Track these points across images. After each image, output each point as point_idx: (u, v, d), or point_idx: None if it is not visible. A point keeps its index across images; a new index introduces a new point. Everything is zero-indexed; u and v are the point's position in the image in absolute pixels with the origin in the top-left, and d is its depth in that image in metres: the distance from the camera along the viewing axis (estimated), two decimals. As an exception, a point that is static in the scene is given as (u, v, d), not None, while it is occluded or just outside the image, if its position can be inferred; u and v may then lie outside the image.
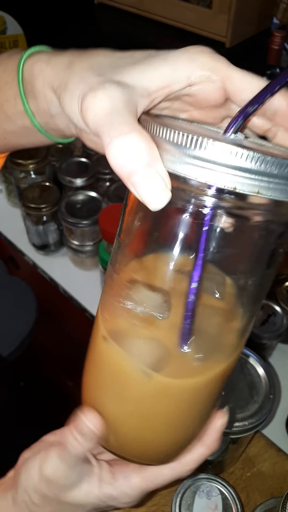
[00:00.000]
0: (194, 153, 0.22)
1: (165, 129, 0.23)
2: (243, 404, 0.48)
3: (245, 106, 0.25)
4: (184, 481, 0.51)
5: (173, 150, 0.23)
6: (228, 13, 0.85)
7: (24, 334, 0.87)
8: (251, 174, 0.22)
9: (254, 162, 0.22)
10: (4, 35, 1.05)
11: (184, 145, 0.22)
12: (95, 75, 0.25)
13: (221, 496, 0.50)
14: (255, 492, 0.56)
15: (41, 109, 0.30)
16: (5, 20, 1.04)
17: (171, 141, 0.23)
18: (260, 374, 0.50)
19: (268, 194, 0.22)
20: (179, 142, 0.22)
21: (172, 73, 0.26)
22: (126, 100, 0.24)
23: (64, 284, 0.83)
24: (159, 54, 0.27)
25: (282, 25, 0.92)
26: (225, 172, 0.22)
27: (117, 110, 0.23)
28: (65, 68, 0.27)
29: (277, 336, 0.66)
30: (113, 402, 0.33)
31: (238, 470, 0.58)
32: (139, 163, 0.22)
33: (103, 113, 0.23)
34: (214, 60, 0.26)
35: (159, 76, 0.26)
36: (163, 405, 0.31)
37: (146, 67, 0.26)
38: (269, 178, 0.22)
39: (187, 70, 0.26)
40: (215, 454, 0.53)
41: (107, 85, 0.24)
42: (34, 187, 0.84)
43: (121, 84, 0.24)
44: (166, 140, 0.23)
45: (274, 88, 0.25)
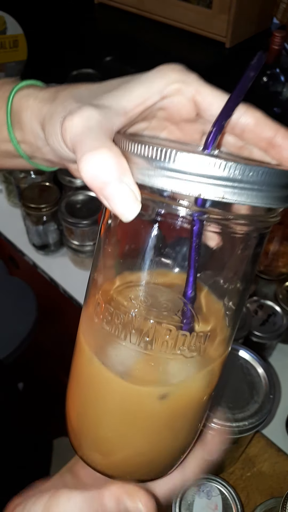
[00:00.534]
0: (160, 164, 0.23)
1: (132, 143, 0.24)
2: (243, 404, 0.48)
3: (218, 118, 0.27)
4: (184, 481, 0.52)
5: (141, 163, 0.24)
6: (228, 13, 0.85)
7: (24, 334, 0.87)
8: (215, 180, 0.22)
9: (217, 168, 0.22)
10: (4, 35, 1.05)
11: (150, 156, 0.23)
12: (75, 102, 0.28)
13: (221, 496, 0.50)
14: (255, 492, 0.56)
15: (27, 140, 0.32)
16: (5, 20, 1.04)
17: (138, 154, 0.24)
18: (260, 374, 0.50)
19: (234, 199, 0.23)
20: (145, 154, 0.23)
21: (146, 90, 0.28)
22: (101, 119, 0.26)
23: (64, 284, 0.83)
24: (134, 77, 0.29)
25: (282, 25, 0.92)
26: (190, 180, 0.23)
27: (90, 128, 0.25)
28: (50, 101, 0.30)
29: (277, 336, 0.66)
30: (103, 420, 0.32)
31: (238, 470, 0.58)
32: (109, 177, 0.23)
33: (78, 132, 0.25)
34: (184, 75, 0.28)
35: (134, 95, 0.28)
36: (155, 416, 0.31)
37: (122, 90, 0.28)
38: (234, 183, 0.23)
39: (159, 85, 0.28)
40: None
41: (84, 108, 0.26)
42: (34, 187, 0.84)
43: (99, 106, 0.26)
44: (134, 154, 0.24)
45: (240, 94, 0.27)
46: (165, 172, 0.23)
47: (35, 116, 0.30)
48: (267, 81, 0.82)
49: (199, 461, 0.36)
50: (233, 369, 0.50)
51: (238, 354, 0.52)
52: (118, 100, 0.27)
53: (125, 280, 0.30)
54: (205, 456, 0.36)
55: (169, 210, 0.25)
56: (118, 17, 1.00)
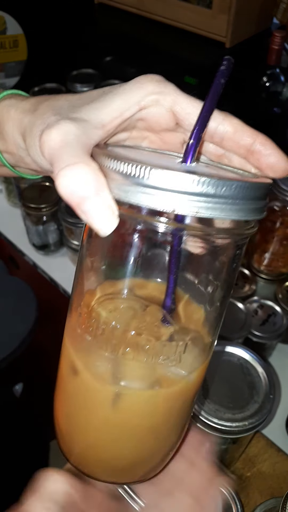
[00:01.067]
0: (135, 180, 0.24)
1: (109, 158, 0.25)
2: (243, 404, 0.48)
3: (195, 130, 0.27)
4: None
5: (118, 178, 0.24)
6: (228, 13, 0.85)
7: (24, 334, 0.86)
8: (189, 196, 0.23)
9: (191, 184, 0.23)
10: (4, 35, 1.05)
11: (125, 173, 0.24)
12: (53, 115, 0.28)
13: (221, 496, 0.50)
14: (255, 492, 0.56)
15: (10, 150, 0.32)
16: (5, 20, 1.04)
17: (115, 169, 0.24)
18: (260, 374, 0.50)
19: (208, 214, 0.23)
20: (121, 170, 0.24)
21: (124, 102, 0.28)
22: (78, 134, 0.26)
23: (64, 284, 0.83)
24: (113, 89, 0.29)
25: (282, 25, 0.92)
26: (164, 196, 0.23)
27: (68, 143, 0.25)
28: (31, 112, 0.30)
29: (277, 336, 0.66)
30: (89, 426, 0.33)
31: (238, 470, 0.58)
32: (86, 192, 0.24)
33: (56, 147, 0.25)
34: (162, 86, 0.29)
35: (112, 108, 0.28)
36: (139, 418, 0.32)
37: (100, 103, 0.28)
38: (207, 198, 0.23)
39: (137, 97, 0.28)
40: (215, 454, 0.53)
41: (62, 122, 0.26)
42: (34, 187, 0.84)
43: (77, 120, 0.27)
44: (110, 169, 0.25)
45: (213, 102, 0.27)
46: (140, 188, 0.24)
47: (17, 127, 0.31)
48: (267, 81, 0.82)
49: None
50: (233, 369, 0.50)
51: (238, 354, 0.52)
52: (96, 113, 0.27)
53: (106, 292, 0.30)
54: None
55: (147, 226, 0.26)
56: (118, 17, 1.00)
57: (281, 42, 0.78)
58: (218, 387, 0.49)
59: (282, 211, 0.67)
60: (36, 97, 0.31)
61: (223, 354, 0.52)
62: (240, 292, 0.71)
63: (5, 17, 1.04)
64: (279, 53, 0.79)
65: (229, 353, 0.52)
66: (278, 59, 0.80)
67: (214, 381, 0.49)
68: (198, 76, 0.90)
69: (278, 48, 0.78)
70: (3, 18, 1.04)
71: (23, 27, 1.07)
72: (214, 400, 0.48)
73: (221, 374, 0.50)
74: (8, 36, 1.06)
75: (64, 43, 1.07)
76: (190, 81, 0.91)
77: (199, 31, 0.91)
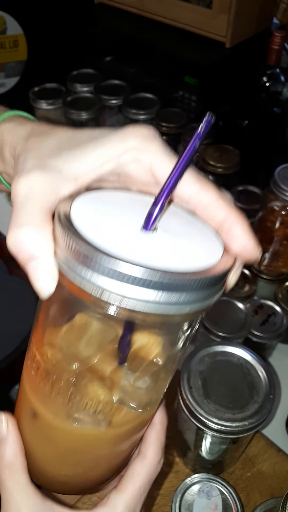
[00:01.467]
0: (76, 258, 0.23)
1: (59, 225, 0.24)
2: (243, 404, 0.48)
3: (159, 198, 0.26)
4: (184, 481, 0.52)
5: (62, 248, 0.24)
6: (228, 13, 0.85)
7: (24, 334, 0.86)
8: (122, 286, 0.22)
9: (121, 280, 0.22)
10: (4, 35, 1.05)
11: (68, 247, 0.23)
12: (32, 158, 0.28)
13: (221, 496, 0.50)
14: (255, 492, 0.56)
15: (8, 172, 0.33)
16: (5, 20, 1.04)
17: (60, 239, 0.24)
18: (260, 374, 0.50)
19: (143, 308, 0.23)
20: (65, 244, 0.24)
21: (102, 156, 0.27)
22: (45, 189, 0.26)
23: (64, 284, 0.83)
24: (100, 136, 0.28)
25: (282, 25, 0.92)
26: (97, 281, 0.23)
27: (29, 198, 0.26)
28: (23, 142, 0.30)
29: (277, 336, 0.66)
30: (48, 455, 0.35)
31: (238, 470, 0.58)
32: (28, 254, 0.25)
33: (18, 199, 0.26)
34: (144, 143, 0.27)
35: (89, 161, 0.27)
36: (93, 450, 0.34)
37: (81, 151, 0.27)
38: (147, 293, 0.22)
39: (116, 152, 0.27)
40: (215, 454, 0.53)
41: (33, 172, 0.26)
42: (34, 187, 0.83)
43: (50, 170, 0.27)
44: (59, 236, 0.25)
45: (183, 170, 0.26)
46: (77, 267, 0.23)
47: (11, 153, 0.31)
48: (267, 81, 0.82)
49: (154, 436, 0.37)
50: (233, 369, 0.51)
51: (238, 354, 0.52)
52: (72, 163, 0.27)
53: (58, 338, 0.31)
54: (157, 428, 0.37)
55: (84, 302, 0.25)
56: (118, 17, 1.00)
57: (281, 42, 0.78)
58: (218, 387, 0.49)
59: (282, 211, 0.67)
60: (34, 124, 0.31)
61: (223, 354, 0.52)
62: (240, 292, 0.71)
63: (5, 17, 1.04)
64: (279, 53, 0.79)
65: (229, 353, 0.52)
66: (278, 59, 0.80)
67: (214, 381, 0.49)
68: (198, 76, 0.90)
69: (278, 48, 0.78)
70: (3, 18, 1.04)
71: (23, 27, 1.07)
72: (214, 400, 0.48)
73: (221, 374, 0.50)
74: (8, 36, 1.06)
75: (64, 43, 1.07)
76: (190, 81, 0.91)
77: (199, 31, 0.91)
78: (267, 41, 0.79)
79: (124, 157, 0.27)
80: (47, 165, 0.27)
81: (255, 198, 0.82)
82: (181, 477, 0.56)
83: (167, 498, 0.54)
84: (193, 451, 0.53)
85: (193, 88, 0.92)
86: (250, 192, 0.83)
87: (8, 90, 1.12)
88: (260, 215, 0.71)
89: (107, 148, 0.27)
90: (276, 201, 0.67)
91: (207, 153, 0.83)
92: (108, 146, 0.27)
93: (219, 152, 0.83)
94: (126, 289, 0.22)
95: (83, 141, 0.28)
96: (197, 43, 0.92)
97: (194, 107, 0.94)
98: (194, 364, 0.50)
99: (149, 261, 0.23)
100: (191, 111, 0.94)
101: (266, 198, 0.68)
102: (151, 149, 0.27)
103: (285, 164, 0.67)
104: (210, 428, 0.47)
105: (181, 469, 0.58)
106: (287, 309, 0.69)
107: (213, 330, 0.62)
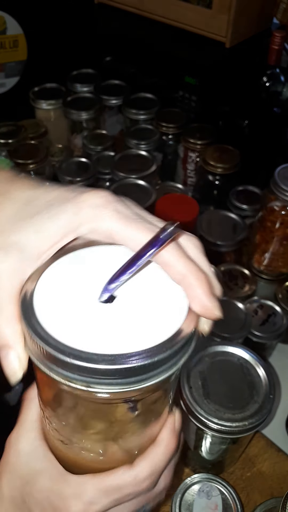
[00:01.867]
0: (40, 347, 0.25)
1: (25, 327, 0.25)
2: (243, 404, 0.48)
3: (118, 273, 0.26)
4: (184, 481, 0.52)
5: (29, 343, 0.26)
6: (228, 13, 0.85)
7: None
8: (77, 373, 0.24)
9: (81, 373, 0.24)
10: (4, 35, 1.05)
11: (31, 337, 0.25)
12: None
13: (221, 496, 0.50)
14: (255, 492, 0.56)
15: None
16: (5, 20, 1.04)
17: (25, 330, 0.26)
18: (260, 374, 0.50)
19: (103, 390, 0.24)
20: (28, 333, 0.25)
21: (60, 231, 0.27)
22: (10, 275, 0.27)
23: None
24: (55, 204, 0.28)
25: (282, 25, 0.92)
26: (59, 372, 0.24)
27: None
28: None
29: (277, 336, 0.66)
30: None
31: (238, 470, 0.58)
32: (2, 344, 0.26)
33: None
34: (98, 213, 0.27)
35: (49, 235, 0.27)
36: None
37: (40, 224, 0.27)
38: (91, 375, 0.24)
39: (73, 225, 0.27)
40: (215, 454, 0.53)
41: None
42: (34, 187, 0.83)
43: (13, 250, 0.27)
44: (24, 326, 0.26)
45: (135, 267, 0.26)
46: (42, 354, 0.25)
47: None
48: (267, 81, 0.82)
49: (152, 457, 0.35)
50: (233, 369, 0.50)
51: (238, 354, 0.52)
52: (33, 241, 0.27)
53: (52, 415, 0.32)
54: (158, 450, 0.35)
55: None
56: (118, 17, 1.00)
57: (281, 42, 0.78)
58: (218, 387, 0.49)
59: (282, 211, 0.67)
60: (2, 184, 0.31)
61: (223, 354, 0.52)
62: (240, 292, 0.71)
63: (5, 17, 1.04)
64: (279, 53, 0.79)
65: (229, 353, 0.52)
66: (278, 59, 0.80)
67: (214, 381, 0.49)
68: (198, 76, 0.90)
69: (278, 48, 0.78)
70: (3, 18, 1.04)
71: (23, 27, 1.07)
72: (214, 400, 0.48)
73: (221, 374, 0.50)
74: (8, 36, 1.06)
75: (64, 43, 1.07)
76: (190, 81, 0.91)
77: (199, 31, 0.91)
78: (267, 41, 0.79)
79: (81, 230, 0.28)
80: (8, 244, 0.27)
81: (255, 198, 0.82)
82: (181, 477, 0.56)
83: (167, 498, 0.54)
84: (193, 451, 0.53)
85: (193, 88, 0.92)
86: (250, 192, 0.83)
87: (8, 90, 1.12)
88: (260, 215, 0.71)
89: (64, 222, 0.27)
90: (276, 201, 0.67)
91: (207, 153, 0.83)
92: (65, 219, 0.27)
93: (219, 152, 0.83)
94: (87, 379, 0.24)
95: (40, 209, 0.28)
96: (197, 43, 0.92)
97: (194, 107, 0.94)
98: (194, 364, 0.50)
99: (106, 346, 0.24)
100: (191, 111, 0.94)
101: (266, 198, 0.68)
102: (106, 217, 0.27)
103: (285, 164, 0.67)
104: (210, 428, 0.47)
105: (181, 469, 0.58)
106: (287, 309, 0.69)
107: (213, 330, 0.62)
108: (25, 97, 1.02)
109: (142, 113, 0.94)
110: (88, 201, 0.28)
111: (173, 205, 0.73)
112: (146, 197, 0.77)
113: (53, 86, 1.03)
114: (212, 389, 0.49)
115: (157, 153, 0.92)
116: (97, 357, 0.24)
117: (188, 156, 0.90)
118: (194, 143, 0.87)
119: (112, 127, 1.03)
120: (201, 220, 0.75)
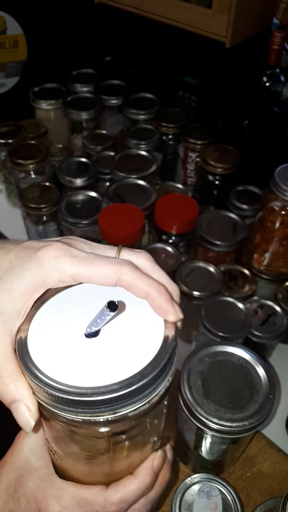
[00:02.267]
0: (39, 390, 0.28)
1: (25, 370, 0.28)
2: (243, 404, 0.48)
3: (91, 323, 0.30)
4: (184, 481, 0.52)
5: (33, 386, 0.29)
6: (228, 13, 0.85)
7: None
8: (68, 406, 0.27)
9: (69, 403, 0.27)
10: (4, 35, 1.05)
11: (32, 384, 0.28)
12: None
13: (221, 496, 0.50)
14: (255, 492, 0.56)
15: None
16: (5, 20, 1.04)
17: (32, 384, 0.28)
18: (260, 374, 0.50)
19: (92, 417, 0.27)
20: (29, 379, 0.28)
21: (29, 286, 0.30)
22: (1, 336, 0.29)
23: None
24: (17, 264, 0.30)
25: (282, 25, 0.92)
26: (55, 404, 0.28)
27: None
28: None
29: (277, 336, 0.66)
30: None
31: (238, 470, 0.58)
32: (11, 399, 0.29)
33: None
34: (58, 263, 0.30)
35: (20, 295, 0.30)
36: None
37: (10, 286, 0.30)
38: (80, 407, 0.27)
39: (39, 281, 0.30)
40: (215, 454, 0.53)
41: None
42: (34, 187, 0.84)
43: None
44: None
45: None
46: (45, 395, 0.28)
47: None
48: (267, 81, 0.82)
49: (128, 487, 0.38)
50: (233, 369, 0.50)
51: (238, 354, 0.52)
52: (7, 299, 0.30)
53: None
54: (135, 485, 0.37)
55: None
56: (118, 17, 1.00)
57: (281, 42, 0.78)
58: (218, 387, 0.49)
59: (282, 211, 0.67)
60: None
61: (223, 354, 0.52)
62: (240, 292, 0.71)
63: (5, 17, 1.04)
64: (279, 53, 0.79)
65: (229, 353, 0.52)
66: (278, 59, 0.80)
67: (214, 381, 0.49)
68: (198, 76, 0.90)
69: (278, 48, 0.78)
70: (3, 18, 1.04)
71: (23, 27, 1.07)
72: (214, 400, 0.48)
73: (221, 374, 0.50)
74: (8, 36, 1.06)
75: (64, 43, 1.07)
76: (190, 81, 0.91)
77: (199, 31, 0.91)
78: (267, 41, 0.79)
79: (48, 283, 0.30)
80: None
81: (255, 198, 0.82)
82: (181, 477, 0.56)
83: (167, 498, 0.54)
84: (193, 451, 0.53)
85: (193, 88, 0.92)
86: (250, 192, 0.83)
87: (8, 90, 1.12)
88: (260, 215, 0.71)
89: (30, 280, 0.30)
90: (276, 201, 0.67)
91: (207, 153, 0.83)
92: (30, 277, 0.30)
93: (219, 152, 0.83)
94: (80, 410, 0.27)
95: (4, 270, 0.30)
96: (197, 43, 0.92)
97: (194, 107, 0.94)
98: (194, 364, 0.50)
99: (97, 382, 0.27)
100: (191, 111, 0.94)
101: (266, 198, 0.68)
102: (66, 265, 0.30)
103: (285, 164, 0.67)
104: (210, 428, 0.47)
105: (181, 469, 0.58)
106: (287, 309, 0.69)
107: (213, 330, 0.62)
108: (25, 97, 1.02)
109: (142, 113, 0.94)
110: (45, 255, 0.30)
111: (173, 205, 0.73)
112: (146, 197, 0.77)
113: (53, 86, 1.03)
114: (212, 389, 0.49)
115: (157, 153, 0.92)
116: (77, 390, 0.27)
117: (188, 156, 0.90)
118: (194, 143, 0.87)
119: (112, 127, 1.03)
120: (201, 220, 0.75)
